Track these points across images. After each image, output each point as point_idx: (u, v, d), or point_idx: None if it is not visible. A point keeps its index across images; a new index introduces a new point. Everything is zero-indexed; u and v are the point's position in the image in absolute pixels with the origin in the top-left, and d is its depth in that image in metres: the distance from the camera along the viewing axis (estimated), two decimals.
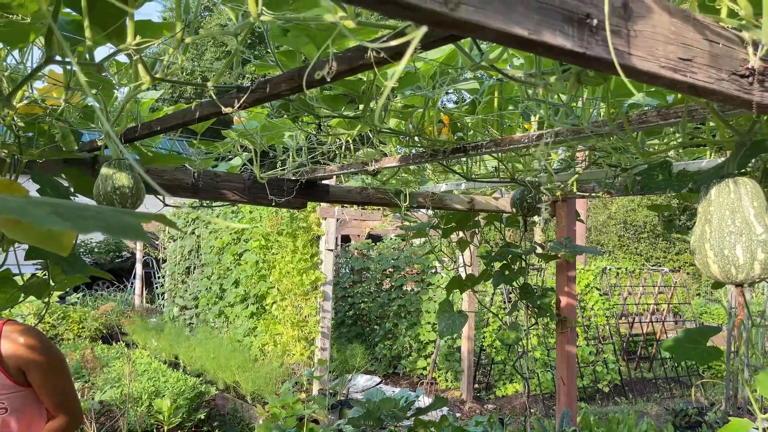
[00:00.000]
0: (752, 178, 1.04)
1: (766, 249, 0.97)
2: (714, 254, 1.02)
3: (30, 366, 2.07)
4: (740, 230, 0.99)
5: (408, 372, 7.75)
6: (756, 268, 0.99)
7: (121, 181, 1.33)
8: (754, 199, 1.00)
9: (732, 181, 1.02)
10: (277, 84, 1.31)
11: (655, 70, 0.77)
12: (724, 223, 1.02)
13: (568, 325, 3.99)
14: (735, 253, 0.99)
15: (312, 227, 6.20)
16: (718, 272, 1.03)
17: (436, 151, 2.20)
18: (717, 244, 1.01)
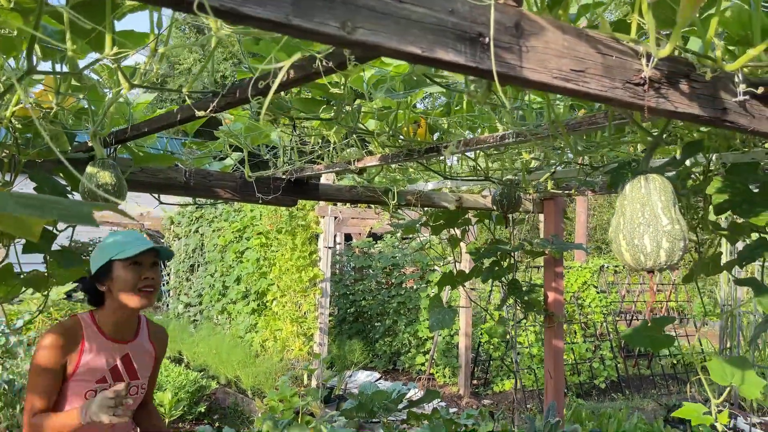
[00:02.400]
0: (661, 175, 1.15)
1: (670, 239, 1.08)
2: (626, 243, 1.13)
3: (160, 359, 2.37)
4: (648, 222, 1.10)
5: (407, 368, 7.86)
6: (662, 256, 1.10)
7: (104, 179, 1.45)
8: (662, 193, 1.11)
9: (644, 177, 1.13)
10: (244, 89, 1.43)
11: (547, 80, 0.88)
12: (635, 216, 1.13)
13: (555, 320, 4.08)
14: (643, 242, 1.10)
15: (310, 225, 6.33)
16: (630, 259, 1.14)
17: (412, 151, 2.32)
18: (628, 234, 1.13)
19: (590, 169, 2.60)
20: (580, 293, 8.11)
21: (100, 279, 2.11)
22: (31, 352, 5.85)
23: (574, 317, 8.00)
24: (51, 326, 2.11)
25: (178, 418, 5.43)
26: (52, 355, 1.99)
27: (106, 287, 2.10)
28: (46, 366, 1.98)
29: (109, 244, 2.12)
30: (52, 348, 1.99)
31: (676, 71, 1.02)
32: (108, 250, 2.08)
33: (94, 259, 2.12)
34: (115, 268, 2.07)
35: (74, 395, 2.02)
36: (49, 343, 2.00)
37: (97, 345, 2.06)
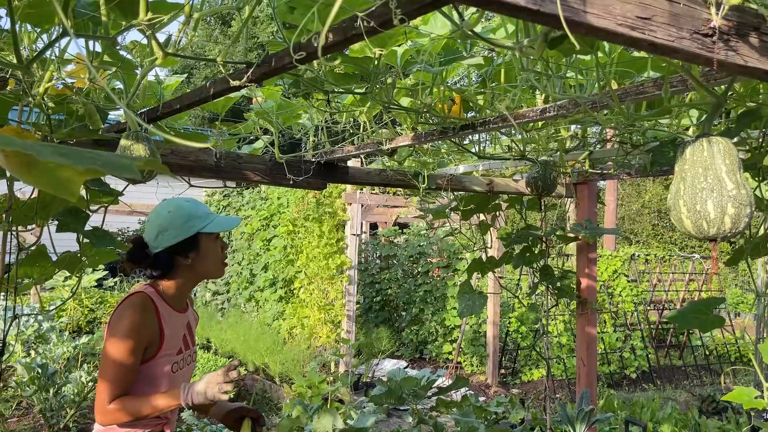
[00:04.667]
0: (725, 137, 1.08)
1: (735, 204, 1.02)
2: (687, 210, 1.06)
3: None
4: (712, 186, 1.04)
5: (434, 356, 7.83)
6: (726, 223, 1.03)
7: (138, 152, 1.43)
8: (726, 156, 1.04)
9: (706, 140, 1.07)
10: (281, 57, 1.39)
11: (612, 28, 0.82)
12: (697, 180, 1.06)
13: (588, 307, 4.00)
14: (706, 208, 1.04)
15: (337, 213, 6.30)
16: (691, 227, 1.07)
17: (446, 129, 2.26)
18: (690, 200, 1.06)
19: (630, 147, 2.51)
20: (610, 282, 7.98)
21: (183, 251, 1.99)
22: (63, 338, 5.94)
23: (604, 306, 7.87)
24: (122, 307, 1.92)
25: None
26: (135, 336, 1.86)
27: (189, 258, 2.00)
28: (130, 348, 1.85)
29: (188, 215, 2.01)
30: (135, 329, 1.87)
31: (745, 23, 0.95)
32: (193, 222, 1.99)
33: (175, 230, 1.98)
34: (202, 241, 2.01)
35: (160, 372, 1.93)
36: (131, 324, 1.87)
37: (169, 317, 1.99)
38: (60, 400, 4.46)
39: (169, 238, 1.97)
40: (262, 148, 3.18)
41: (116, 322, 1.90)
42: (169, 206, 2.05)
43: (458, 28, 1.01)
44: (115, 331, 1.88)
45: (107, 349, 1.87)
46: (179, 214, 2.01)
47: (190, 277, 2.06)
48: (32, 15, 1.52)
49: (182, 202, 2.08)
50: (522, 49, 0.96)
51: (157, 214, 2.04)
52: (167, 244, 1.97)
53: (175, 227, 1.98)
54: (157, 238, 1.99)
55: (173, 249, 1.98)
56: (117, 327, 1.88)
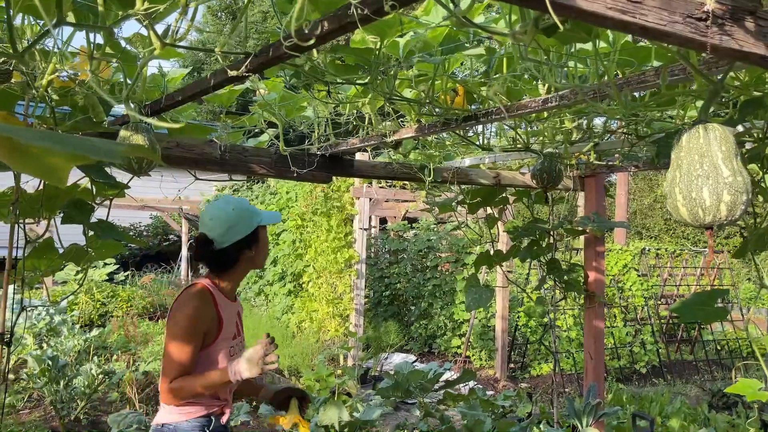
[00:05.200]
0: (722, 125, 1.07)
1: (731, 191, 1.01)
2: (683, 197, 1.05)
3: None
4: (707, 173, 1.03)
5: (443, 351, 7.82)
6: (722, 210, 1.02)
7: (137, 143, 1.43)
8: (723, 143, 1.03)
9: (702, 127, 1.06)
10: (278, 47, 1.39)
11: (602, 11, 0.81)
12: (693, 168, 1.05)
13: (596, 301, 3.98)
14: (702, 196, 1.03)
15: (345, 207, 6.30)
16: (686, 215, 1.06)
17: (449, 120, 2.25)
18: (686, 187, 1.05)
19: (635, 139, 2.49)
20: (620, 276, 7.93)
21: (248, 244, 2.18)
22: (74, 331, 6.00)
23: (614, 301, 7.83)
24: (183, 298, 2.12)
25: None
26: (196, 322, 2.04)
27: (253, 251, 2.20)
28: (191, 333, 2.03)
29: (244, 211, 2.18)
30: (196, 316, 2.04)
31: (740, 6, 0.94)
32: (254, 217, 2.18)
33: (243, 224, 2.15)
34: (260, 233, 2.21)
35: (219, 356, 2.10)
36: (193, 312, 2.05)
37: (225, 306, 2.15)
38: (70, 392, 4.50)
39: (238, 233, 2.15)
40: (268, 141, 3.19)
41: (178, 310, 2.08)
42: (230, 204, 2.21)
43: (451, 14, 1.01)
44: (177, 318, 2.06)
45: (169, 335, 2.05)
46: (243, 210, 2.18)
47: (247, 268, 2.24)
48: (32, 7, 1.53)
49: (240, 200, 2.25)
50: (515, 36, 0.95)
51: (222, 212, 2.17)
52: (236, 239, 2.14)
53: (243, 222, 2.16)
54: (226, 234, 2.14)
55: (241, 243, 2.16)
56: (179, 315, 2.06)
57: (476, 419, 3.88)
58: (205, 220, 2.19)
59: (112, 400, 5.37)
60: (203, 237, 2.16)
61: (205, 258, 2.18)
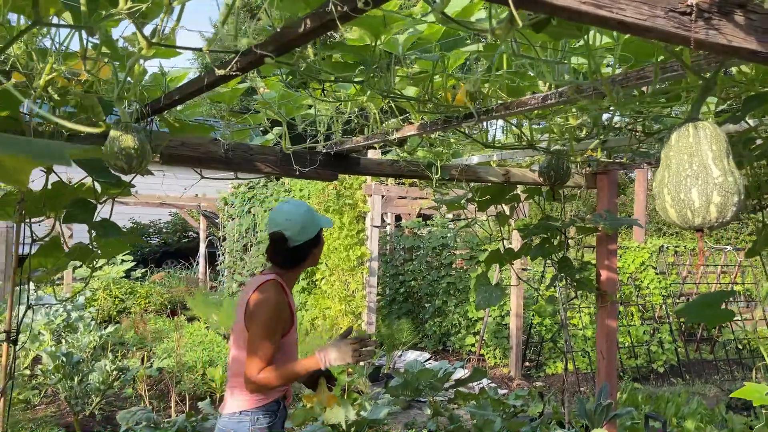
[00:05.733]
0: (712, 123, 1.03)
1: (722, 192, 0.97)
2: (671, 198, 1.02)
3: None
4: (697, 174, 0.99)
5: (457, 348, 7.78)
6: (712, 212, 0.98)
7: (126, 143, 1.43)
8: (713, 142, 0.99)
9: (692, 125, 1.02)
10: (265, 45, 1.37)
11: (575, 6, 0.78)
12: (682, 168, 1.01)
13: (608, 299, 3.92)
14: (690, 197, 0.99)
15: (357, 204, 6.29)
16: (675, 216, 1.03)
17: (450, 118, 2.22)
18: (674, 187, 1.01)
19: (643, 136, 2.44)
20: (638, 274, 7.82)
21: (314, 243, 2.37)
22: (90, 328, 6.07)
23: (631, 299, 7.72)
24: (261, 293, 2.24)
25: None
26: (278, 314, 2.19)
27: (318, 248, 2.40)
28: (275, 325, 2.18)
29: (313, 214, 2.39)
30: (277, 309, 2.19)
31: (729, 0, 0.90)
32: (317, 219, 2.38)
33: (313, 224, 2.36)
34: (320, 235, 2.41)
35: (291, 344, 2.28)
36: (274, 305, 2.19)
37: (290, 300, 2.32)
38: (84, 388, 4.55)
39: (309, 232, 2.34)
40: (274, 139, 3.18)
41: (259, 304, 2.20)
42: (302, 206, 2.42)
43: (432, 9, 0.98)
44: (260, 312, 2.19)
45: (254, 329, 2.17)
46: (311, 212, 2.39)
47: (307, 265, 2.42)
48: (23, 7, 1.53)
49: (300, 202, 2.46)
50: (494, 32, 0.92)
51: (296, 213, 2.36)
52: (308, 238, 2.33)
53: (312, 223, 2.35)
54: (300, 233, 2.31)
55: (309, 241, 2.35)
56: (261, 309, 2.19)
57: (486, 419, 3.85)
58: (280, 220, 2.34)
59: (127, 396, 5.42)
60: (280, 235, 2.32)
61: (280, 255, 2.34)
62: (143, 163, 1.47)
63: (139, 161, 1.45)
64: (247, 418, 2.21)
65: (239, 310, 2.32)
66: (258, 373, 2.12)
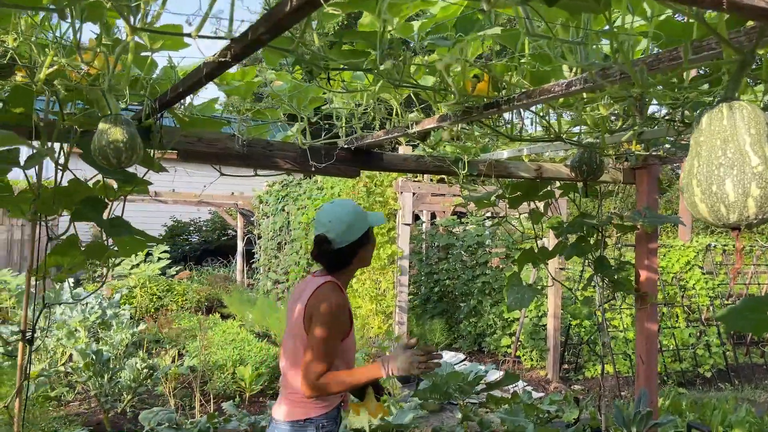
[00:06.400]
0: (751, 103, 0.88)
1: (762, 183, 0.82)
2: (701, 191, 0.88)
3: None
4: (732, 162, 0.84)
5: (492, 350, 7.60)
6: (750, 207, 0.84)
7: (115, 136, 1.35)
8: (752, 125, 0.84)
9: (726, 106, 0.87)
10: (256, 28, 1.27)
11: None
12: (714, 155, 0.87)
13: (648, 301, 3.72)
14: (724, 189, 0.85)
15: (388, 202, 6.18)
16: (706, 212, 0.88)
17: (470, 108, 2.09)
18: (705, 178, 0.87)
19: (682, 126, 2.26)
20: (683, 274, 7.49)
21: (362, 244, 2.26)
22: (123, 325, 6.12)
23: (676, 300, 7.40)
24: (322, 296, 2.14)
25: (258, 392, 5.49)
26: (340, 317, 2.13)
27: (366, 249, 2.29)
28: (336, 328, 2.11)
29: (359, 212, 2.28)
30: (338, 312, 2.12)
31: None
32: (365, 219, 2.27)
33: (360, 224, 2.25)
34: (370, 233, 2.30)
35: (350, 347, 2.23)
36: (336, 308, 2.11)
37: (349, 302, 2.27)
38: (114, 386, 4.57)
39: (357, 232, 2.24)
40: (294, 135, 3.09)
41: (319, 307, 2.11)
42: (347, 205, 2.32)
43: None
44: (321, 315, 2.09)
45: (316, 332, 2.08)
46: (357, 212, 2.28)
47: (357, 266, 2.33)
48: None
49: (348, 202, 2.36)
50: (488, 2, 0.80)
51: (340, 214, 2.26)
52: (353, 239, 2.23)
53: (358, 223, 2.25)
54: (344, 234, 2.22)
55: (355, 242, 2.24)
56: (322, 312, 2.10)
57: (517, 425, 3.69)
58: (324, 221, 2.26)
59: (158, 394, 5.44)
60: (323, 237, 2.24)
61: (325, 257, 2.27)
62: (134, 157, 1.39)
63: (128, 155, 1.37)
64: (312, 426, 2.16)
65: (294, 315, 2.24)
66: (317, 378, 2.05)
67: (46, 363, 5.09)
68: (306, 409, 2.16)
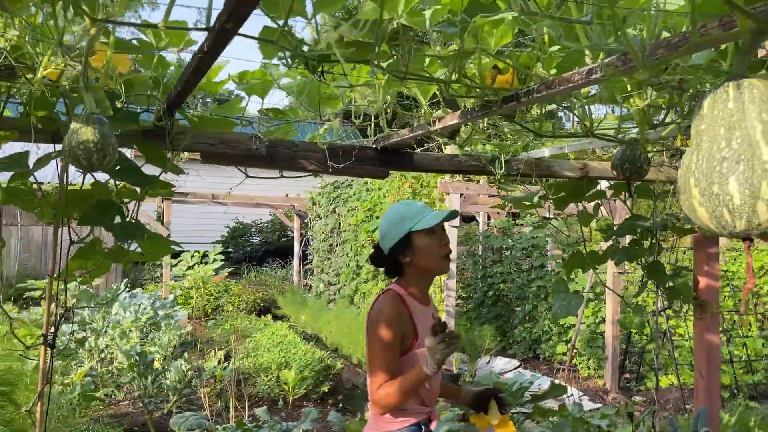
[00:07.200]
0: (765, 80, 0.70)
1: None
2: (700, 192, 0.70)
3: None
4: (738, 155, 0.67)
5: (548, 357, 7.30)
6: (761, 211, 0.66)
7: (85, 135, 1.27)
8: (765, 109, 0.66)
9: (733, 85, 0.69)
10: (220, 17, 1.17)
11: None
12: (717, 146, 0.69)
13: (707, 311, 3.42)
14: (728, 190, 0.67)
15: (434, 203, 6.01)
16: (707, 219, 0.71)
17: (490, 102, 1.93)
18: (704, 177, 0.70)
19: None
20: (756, 279, 6.97)
21: (401, 251, 2.17)
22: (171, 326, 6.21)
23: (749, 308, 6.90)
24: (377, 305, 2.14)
25: (302, 396, 5.44)
26: (391, 326, 2.05)
27: (408, 258, 2.16)
28: (390, 341, 2.04)
29: (401, 217, 2.19)
30: (390, 322, 2.06)
31: None
32: (404, 223, 2.16)
33: (392, 232, 2.18)
34: (414, 239, 2.15)
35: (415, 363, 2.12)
36: (386, 317, 2.06)
37: (418, 310, 2.17)
38: (157, 387, 4.60)
39: (389, 241, 2.18)
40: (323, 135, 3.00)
41: (374, 318, 2.09)
42: (387, 212, 2.26)
43: None
44: (374, 326, 2.07)
45: (370, 343, 2.08)
46: (393, 217, 2.22)
47: (416, 274, 2.20)
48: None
49: (397, 206, 2.28)
50: None
51: (383, 220, 2.26)
52: (389, 247, 2.19)
53: (392, 230, 2.19)
54: (382, 241, 2.21)
55: (394, 250, 2.18)
56: (375, 322, 2.07)
57: None
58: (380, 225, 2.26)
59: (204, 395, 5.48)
60: (376, 243, 2.25)
61: (379, 263, 2.27)
62: (106, 158, 1.32)
63: (99, 156, 1.29)
64: None
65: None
66: (378, 389, 2.02)
67: (94, 362, 5.19)
68: (379, 422, 2.11)
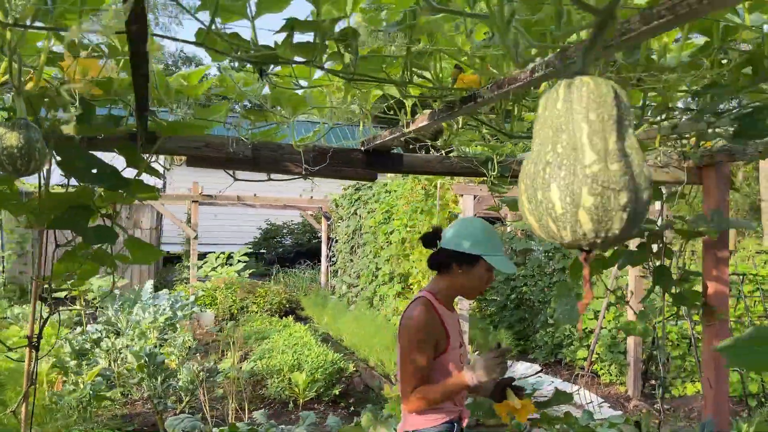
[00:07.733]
0: (605, 76, 0.64)
1: (596, 189, 0.59)
2: (527, 199, 0.65)
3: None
4: (561, 159, 0.62)
5: (569, 362, 7.14)
6: (584, 221, 0.60)
7: (9, 141, 1.28)
8: (592, 108, 0.61)
9: (564, 84, 0.64)
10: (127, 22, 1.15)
11: None
12: (543, 150, 0.64)
13: (716, 317, 3.28)
14: (550, 197, 0.62)
15: (448, 204, 5.93)
16: (537, 228, 0.66)
17: (451, 103, 1.88)
18: (531, 183, 0.65)
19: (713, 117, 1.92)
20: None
21: (460, 260, 2.22)
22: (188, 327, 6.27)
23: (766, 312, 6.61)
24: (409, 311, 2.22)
25: (312, 398, 5.43)
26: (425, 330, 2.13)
27: (461, 271, 2.22)
28: (422, 342, 2.12)
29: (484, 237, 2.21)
30: (423, 325, 2.13)
31: None
32: (484, 246, 2.19)
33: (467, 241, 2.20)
34: (479, 264, 2.20)
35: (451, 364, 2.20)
36: (418, 322, 2.13)
37: (447, 316, 2.24)
38: (166, 388, 4.65)
39: (455, 243, 2.21)
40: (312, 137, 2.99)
41: (407, 323, 2.17)
42: (479, 224, 2.30)
43: None
44: (407, 331, 2.15)
45: (403, 347, 2.15)
46: (479, 228, 2.25)
47: (452, 286, 2.27)
48: None
49: (481, 222, 2.32)
50: None
51: (469, 223, 2.31)
52: (451, 248, 2.21)
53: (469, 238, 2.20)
54: (451, 238, 2.24)
55: (456, 254, 2.21)
56: (408, 327, 2.15)
57: None
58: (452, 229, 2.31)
59: (217, 396, 5.52)
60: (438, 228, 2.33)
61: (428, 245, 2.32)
62: (32, 164, 1.32)
63: (24, 161, 1.29)
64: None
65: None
66: (410, 391, 2.12)
67: (111, 362, 5.29)
68: (408, 421, 2.21)
